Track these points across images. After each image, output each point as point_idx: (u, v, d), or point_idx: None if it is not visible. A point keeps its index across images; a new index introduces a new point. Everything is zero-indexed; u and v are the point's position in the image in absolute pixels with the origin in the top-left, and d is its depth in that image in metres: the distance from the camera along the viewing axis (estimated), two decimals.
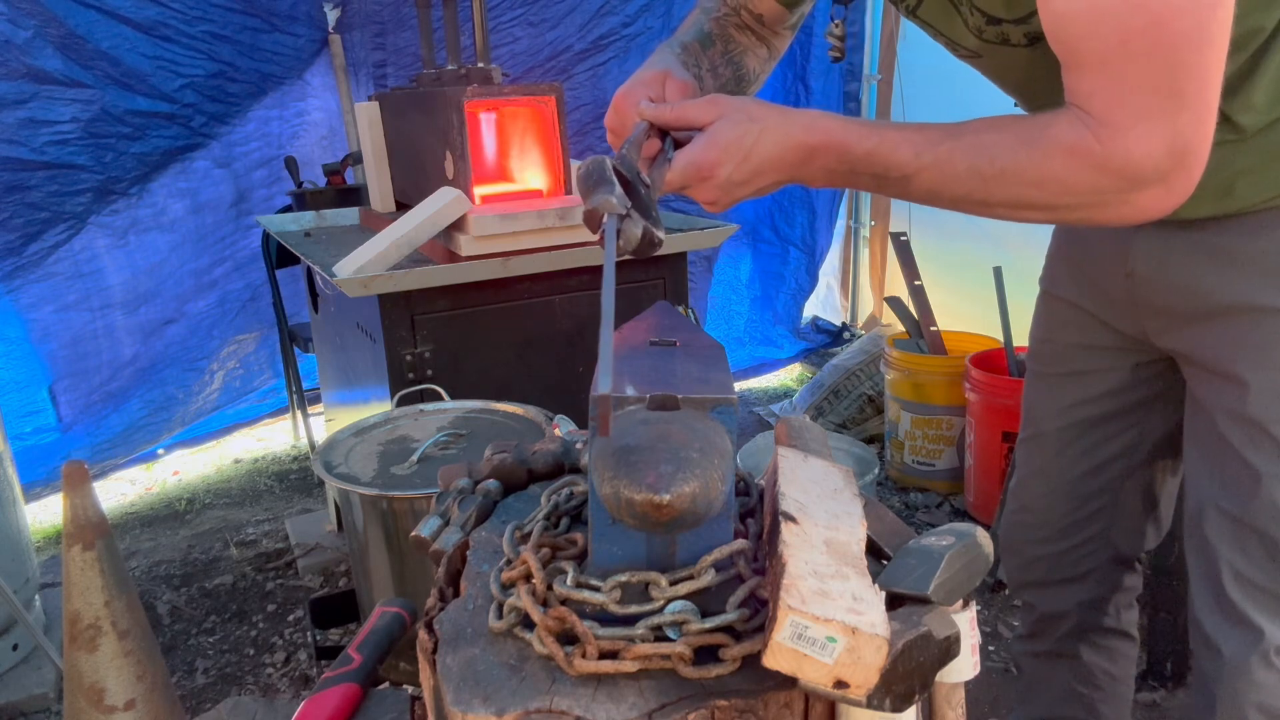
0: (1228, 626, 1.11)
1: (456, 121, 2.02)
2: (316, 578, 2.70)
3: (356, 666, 0.88)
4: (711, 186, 0.89)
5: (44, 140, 2.84)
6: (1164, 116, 0.76)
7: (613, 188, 0.81)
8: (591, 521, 0.72)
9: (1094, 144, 0.78)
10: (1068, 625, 1.45)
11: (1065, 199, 0.82)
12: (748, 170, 0.88)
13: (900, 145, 0.85)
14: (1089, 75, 0.78)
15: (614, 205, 0.80)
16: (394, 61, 3.33)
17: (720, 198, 0.91)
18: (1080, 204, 0.82)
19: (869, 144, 0.86)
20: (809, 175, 0.90)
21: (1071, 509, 1.37)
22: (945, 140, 0.84)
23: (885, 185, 0.88)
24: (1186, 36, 0.74)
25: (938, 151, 0.84)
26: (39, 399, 3.12)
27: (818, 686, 0.61)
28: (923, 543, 0.74)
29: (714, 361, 0.80)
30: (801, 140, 0.87)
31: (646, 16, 3.49)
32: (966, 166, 0.83)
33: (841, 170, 0.88)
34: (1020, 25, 0.94)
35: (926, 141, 0.84)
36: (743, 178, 0.88)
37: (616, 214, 0.80)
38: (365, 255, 1.96)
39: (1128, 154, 0.77)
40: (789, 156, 0.88)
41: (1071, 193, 0.81)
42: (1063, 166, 0.79)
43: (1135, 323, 1.20)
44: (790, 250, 4.11)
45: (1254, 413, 1.04)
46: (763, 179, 0.89)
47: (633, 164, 0.88)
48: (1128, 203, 0.80)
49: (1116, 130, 0.77)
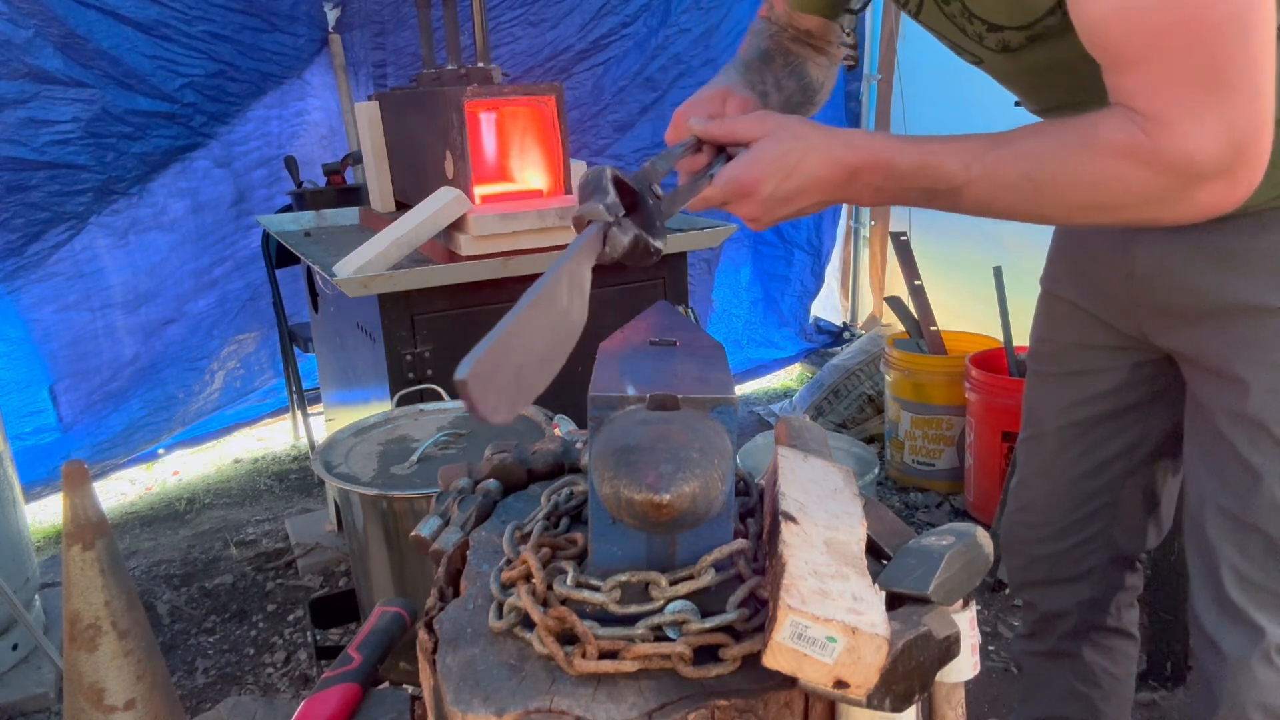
0: (1228, 625, 1.11)
1: (456, 121, 2.02)
2: (316, 578, 2.70)
3: (356, 666, 0.88)
4: (753, 203, 0.89)
5: (45, 140, 2.84)
6: (1214, 109, 0.75)
7: (604, 196, 0.81)
8: (591, 521, 0.72)
9: (1146, 141, 0.77)
10: (1068, 624, 1.45)
11: (1123, 199, 0.80)
12: (790, 188, 0.88)
13: (948, 157, 0.84)
14: (1131, 74, 0.78)
15: (599, 213, 0.80)
16: (394, 61, 3.33)
17: (761, 215, 0.91)
18: (1139, 203, 0.81)
19: (914, 159, 0.85)
20: (855, 194, 0.89)
21: (1072, 508, 1.37)
22: (993, 149, 0.83)
23: (935, 199, 0.87)
24: (1224, 26, 0.74)
25: (987, 160, 0.83)
26: (39, 399, 3.12)
27: (818, 686, 0.61)
28: (923, 543, 0.74)
29: (714, 361, 0.80)
30: (844, 159, 0.87)
31: (646, 16, 3.49)
32: (1018, 174, 0.82)
33: (889, 187, 0.88)
34: (1022, 31, 0.94)
35: (974, 152, 0.83)
36: (785, 195, 0.88)
37: (602, 221, 0.80)
38: (365, 255, 1.96)
39: (1182, 149, 0.76)
40: (832, 175, 0.87)
41: (1129, 192, 0.80)
42: (1117, 166, 0.78)
43: (1135, 322, 1.20)
44: (795, 252, 4.11)
45: (1254, 412, 1.04)
46: (805, 198, 0.89)
47: (651, 175, 0.89)
48: (1189, 199, 0.79)
49: (1167, 126, 0.76)
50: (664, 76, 3.61)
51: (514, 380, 0.65)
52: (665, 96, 3.63)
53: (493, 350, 0.61)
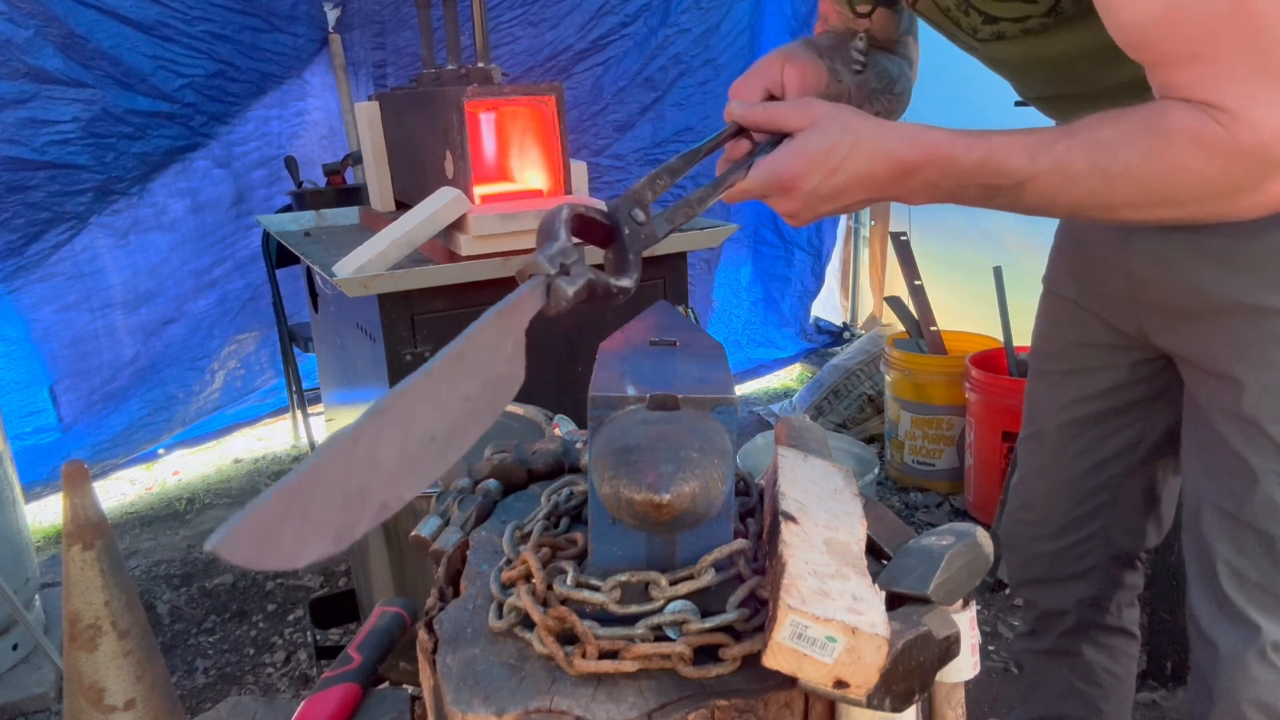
0: (1224, 623, 1.11)
1: (456, 121, 2.02)
2: (316, 578, 2.70)
3: (356, 666, 0.88)
4: (793, 199, 0.85)
5: (45, 140, 2.84)
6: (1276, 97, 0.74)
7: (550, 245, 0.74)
8: (591, 521, 0.72)
9: (1220, 131, 0.75)
10: (1068, 623, 1.45)
11: (1196, 191, 0.78)
12: (834, 185, 0.83)
13: (1013, 151, 0.80)
14: (1183, 70, 0.76)
15: (539, 265, 0.73)
16: (394, 61, 3.33)
17: (801, 211, 0.86)
18: (1211, 196, 0.79)
19: (978, 153, 0.81)
20: (906, 192, 0.85)
21: (1072, 506, 1.37)
22: (1060, 140, 0.80)
23: (995, 196, 0.84)
24: (1271, 12, 0.73)
25: (1054, 153, 0.79)
26: (40, 399, 3.12)
27: (818, 686, 0.61)
28: (923, 543, 0.74)
29: (714, 361, 0.80)
30: (899, 156, 0.82)
31: (646, 16, 3.49)
32: (1088, 166, 0.79)
33: (946, 185, 0.83)
34: (1017, 23, 0.94)
35: (1040, 144, 0.80)
36: (828, 192, 0.84)
37: (542, 275, 0.73)
38: (365, 255, 1.96)
39: (1258, 138, 0.74)
40: (883, 173, 0.83)
41: (1202, 183, 0.77)
42: (1192, 155, 0.76)
43: (1134, 321, 1.20)
44: (795, 252, 4.11)
45: (1249, 411, 1.05)
46: (850, 195, 0.85)
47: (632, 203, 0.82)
48: (1264, 189, 0.77)
49: (1238, 116, 0.74)
50: (664, 76, 3.61)
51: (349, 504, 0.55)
52: (665, 96, 3.63)
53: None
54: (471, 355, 0.65)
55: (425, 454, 0.59)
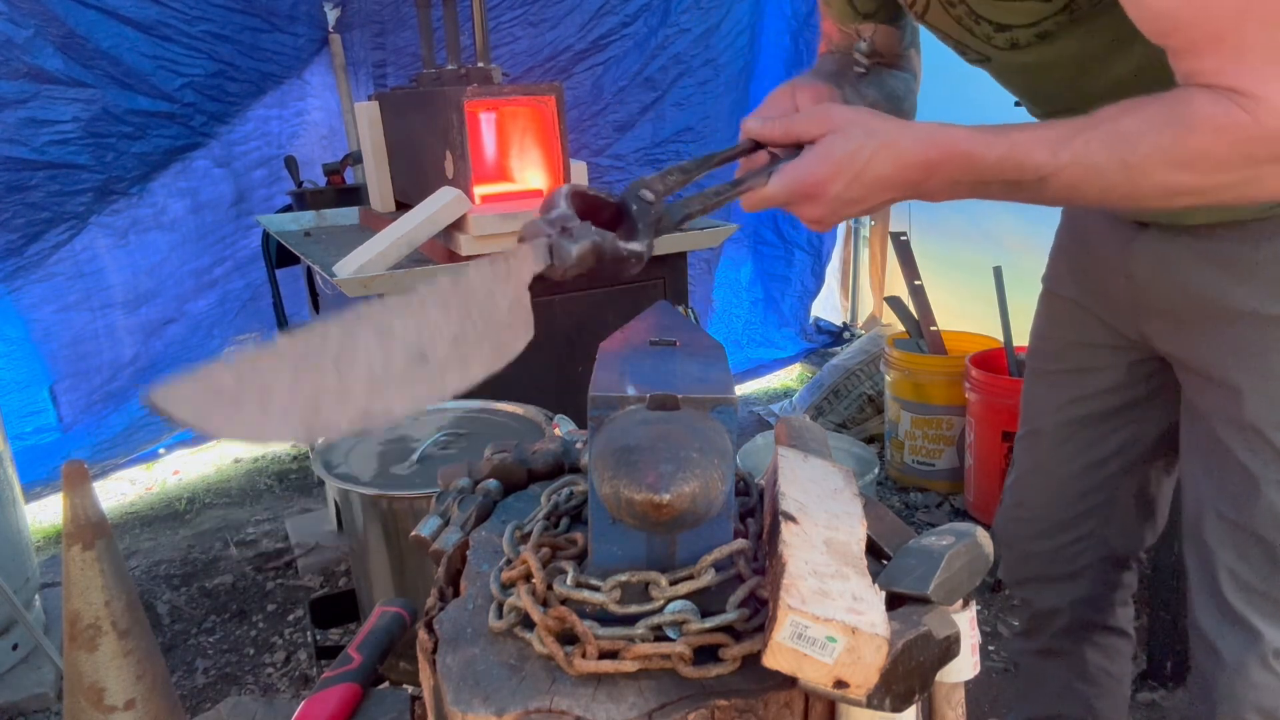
0: (1226, 629, 1.11)
1: (456, 121, 2.02)
2: (316, 578, 2.70)
3: (356, 666, 0.88)
4: (820, 204, 0.85)
5: (45, 140, 2.84)
6: None
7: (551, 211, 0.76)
8: (591, 521, 0.72)
9: (1241, 114, 0.74)
10: (1062, 622, 1.45)
11: (1218, 177, 0.78)
12: (860, 188, 0.83)
13: (1034, 145, 0.81)
14: (1208, 55, 0.76)
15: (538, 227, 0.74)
16: (394, 61, 3.33)
17: (827, 217, 0.87)
18: (1234, 182, 0.78)
19: (999, 149, 0.81)
20: (930, 190, 0.85)
21: (1067, 505, 1.37)
22: (1081, 132, 0.80)
23: (1017, 191, 0.84)
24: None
25: (1075, 145, 0.79)
26: (40, 399, 3.11)
27: (818, 686, 0.61)
28: (923, 543, 0.74)
29: (714, 361, 0.80)
30: (922, 156, 0.83)
31: (646, 16, 3.49)
32: (1109, 157, 0.79)
33: (968, 181, 0.84)
34: (1030, 29, 0.94)
35: (1061, 138, 0.80)
36: (854, 196, 0.84)
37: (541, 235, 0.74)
38: (365, 255, 1.96)
39: None
40: (908, 174, 0.83)
41: (1224, 169, 0.77)
42: (1213, 142, 0.76)
43: (1134, 324, 1.20)
44: (795, 252, 4.10)
45: (1251, 418, 1.05)
46: (876, 197, 0.85)
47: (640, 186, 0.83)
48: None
49: (1264, 100, 0.74)
50: (664, 76, 3.61)
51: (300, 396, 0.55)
52: (665, 96, 3.63)
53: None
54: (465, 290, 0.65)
55: (416, 373, 0.60)
